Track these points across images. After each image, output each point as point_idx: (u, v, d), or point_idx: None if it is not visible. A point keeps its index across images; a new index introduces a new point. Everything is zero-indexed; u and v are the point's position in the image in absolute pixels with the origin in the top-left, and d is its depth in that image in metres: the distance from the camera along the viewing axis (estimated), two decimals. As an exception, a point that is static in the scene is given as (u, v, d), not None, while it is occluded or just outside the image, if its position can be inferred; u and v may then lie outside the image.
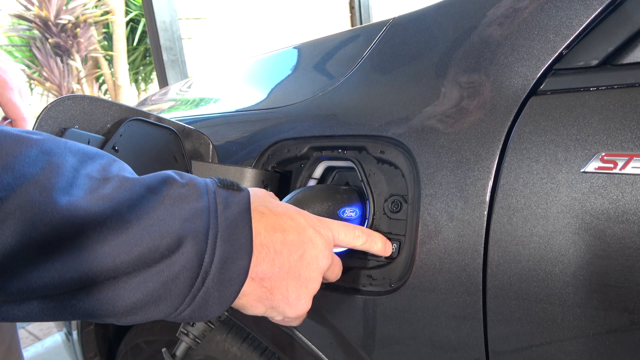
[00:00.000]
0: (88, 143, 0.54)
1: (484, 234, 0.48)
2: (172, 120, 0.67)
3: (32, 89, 6.33)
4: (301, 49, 0.84)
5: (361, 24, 4.12)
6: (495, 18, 0.53)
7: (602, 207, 0.42)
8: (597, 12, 0.46)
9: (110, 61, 5.70)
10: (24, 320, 0.33)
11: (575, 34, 0.47)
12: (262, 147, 0.69)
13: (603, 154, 0.43)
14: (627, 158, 0.41)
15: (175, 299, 0.36)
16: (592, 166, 0.43)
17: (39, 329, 2.45)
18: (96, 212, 0.31)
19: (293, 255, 0.44)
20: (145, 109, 1.24)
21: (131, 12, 5.84)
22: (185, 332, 0.47)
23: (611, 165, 0.42)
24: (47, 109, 0.52)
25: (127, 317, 0.35)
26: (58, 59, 5.35)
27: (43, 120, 0.51)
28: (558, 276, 0.44)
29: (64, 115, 0.53)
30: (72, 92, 5.41)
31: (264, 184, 0.68)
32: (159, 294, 0.35)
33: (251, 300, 0.43)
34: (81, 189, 0.32)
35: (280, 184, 0.70)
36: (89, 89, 5.59)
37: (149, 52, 6.21)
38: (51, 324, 2.48)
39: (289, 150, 0.67)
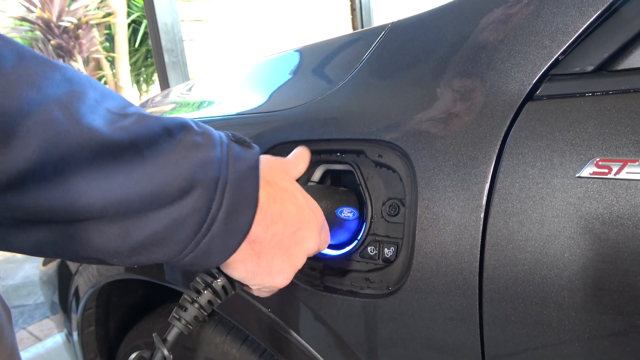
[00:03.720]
0: None
1: (480, 237, 0.49)
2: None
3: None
4: (301, 53, 0.85)
5: (362, 25, 4.13)
6: (492, 23, 0.54)
7: (597, 212, 0.43)
8: (592, 19, 0.46)
9: (112, 62, 5.72)
10: (31, 252, 0.33)
11: (571, 40, 0.47)
12: (262, 150, 0.70)
13: (598, 159, 0.43)
14: (621, 163, 0.42)
15: (181, 242, 0.36)
16: (587, 171, 0.43)
17: (39, 330, 2.46)
18: (115, 141, 0.32)
19: (287, 229, 0.45)
20: (146, 111, 1.24)
21: (133, 14, 5.86)
22: (178, 317, 0.47)
23: (606, 171, 0.42)
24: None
25: (131, 258, 0.35)
26: (60, 60, 5.37)
27: None
28: (553, 280, 0.45)
29: None
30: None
31: (263, 187, 0.68)
32: (166, 235, 0.35)
33: (237, 258, 0.43)
34: (102, 118, 0.32)
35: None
36: (90, 90, 5.60)
37: (150, 53, 6.22)
38: (52, 324, 2.48)
39: (288, 154, 0.68)
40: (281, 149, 0.69)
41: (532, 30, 0.50)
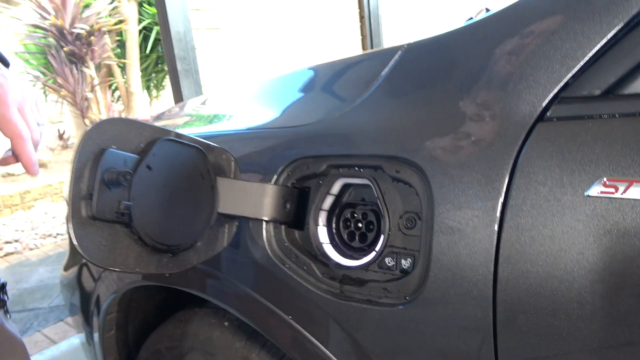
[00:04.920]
0: (124, 162, 0.58)
1: (494, 251, 0.51)
2: (197, 138, 0.71)
3: (46, 96, 6.44)
4: (317, 70, 0.88)
5: (371, 33, 4.17)
6: (505, 48, 0.56)
7: (605, 229, 0.45)
8: (599, 46, 0.49)
9: (123, 69, 5.79)
10: None
11: (580, 64, 0.50)
12: (283, 163, 0.73)
13: (605, 179, 0.46)
14: (627, 183, 0.45)
15: None
16: (595, 190, 0.46)
17: (54, 333, 2.51)
18: None
19: None
20: (162, 122, 1.28)
21: (144, 21, 5.94)
22: None
23: (613, 190, 0.45)
24: (89, 131, 0.56)
25: None
26: (73, 67, 5.45)
27: (85, 142, 0.56)
28: (564, 292, 0.48)
29: (102, 137, 0.58)
30: (86, 99, 5.50)
31: (284, 200, 0.71)
32: None
33: None
34: None
35: (299, 199, 0.74)
36: (102, 96, 5.68)
37: (161, 59, 6.29)
38: (66, 327, 2.53)
39: (309, 167, 0.71)
40: (301, 164, 0.72)
41: (543, 55, 0.53)
